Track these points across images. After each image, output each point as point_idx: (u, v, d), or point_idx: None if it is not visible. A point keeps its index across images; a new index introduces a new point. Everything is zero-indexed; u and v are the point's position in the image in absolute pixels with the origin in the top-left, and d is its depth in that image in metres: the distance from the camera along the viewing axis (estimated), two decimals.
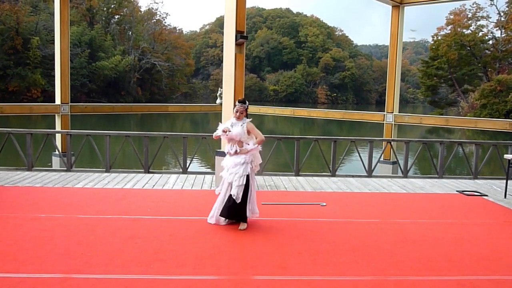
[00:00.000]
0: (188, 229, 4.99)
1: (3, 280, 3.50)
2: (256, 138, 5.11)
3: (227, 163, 5.13)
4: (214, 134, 5.18)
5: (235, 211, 5.02)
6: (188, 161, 8.69)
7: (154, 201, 6.23)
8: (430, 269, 4.05)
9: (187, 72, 71.74)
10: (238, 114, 5.08)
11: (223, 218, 5.14)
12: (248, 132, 5.09)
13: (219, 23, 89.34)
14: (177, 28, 75.47)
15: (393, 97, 11.47)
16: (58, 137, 9.70)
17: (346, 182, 8.27)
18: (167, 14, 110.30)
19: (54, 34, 10.11)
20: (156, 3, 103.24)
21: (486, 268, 4.13)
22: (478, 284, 3.76)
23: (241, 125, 5.07)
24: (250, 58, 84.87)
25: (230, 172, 5.06)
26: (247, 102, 5.21)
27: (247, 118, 5.19)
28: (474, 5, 45.94)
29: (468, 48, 45.83)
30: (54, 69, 10.04)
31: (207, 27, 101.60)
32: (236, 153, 5.05)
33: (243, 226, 5.04)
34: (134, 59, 58.54)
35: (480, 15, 46.24)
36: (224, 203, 5.08)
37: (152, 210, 5.74)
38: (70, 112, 10.13)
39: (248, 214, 5.07)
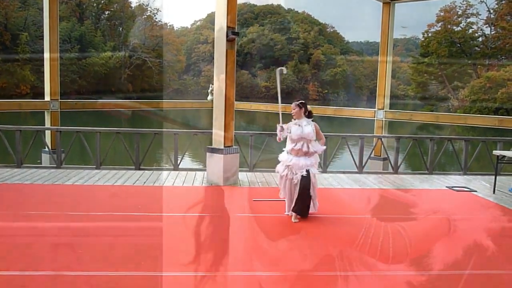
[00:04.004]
0: (179, 225, 4.99)
1: None
2: (320, 140, 5.28)
3: (296, 163, 5.13)
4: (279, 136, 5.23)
5: (308, 209, 5.27)
6: (179, 158, 8.67)
7: (145, 198, 6.21)
8: (419, 264, 4.08)
9: (178, 68, 71.41)
10: (293, 112, 5.22)
11: (295, 215, 5.26)
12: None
13: (211, 19, 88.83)
14: (168, 24, 75.27)
15: (383, 93, 11.51)
16: (47, 133, 9.60)
17: (337, 178, 8.31)
18: (158, 10, 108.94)
19: (43, 29, 9.98)
20: None
21: (475, 263, 4.18)
22: (467, 279, 3.80)
23: (310, 125, 5.18)
24: (242, 55, 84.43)
25: (299, 172, 5.12)
26: (305, 102, 5.32)
27: (310, 119, 5.26)
28: (464, 2, 46.25)
29: (458, 45, 46.15)
30: (43, 65, 9.91)
31: (198, 23, 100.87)
32: (307, 153, 5.13)
33: (296, 219, 5.24)
34: (124, 55, 58.04)
35: (470, 12, 46.55)
36: (296, 201, 5.17)
37: (143, 207, 5.72)
38: (60, 109, 10.01)
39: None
